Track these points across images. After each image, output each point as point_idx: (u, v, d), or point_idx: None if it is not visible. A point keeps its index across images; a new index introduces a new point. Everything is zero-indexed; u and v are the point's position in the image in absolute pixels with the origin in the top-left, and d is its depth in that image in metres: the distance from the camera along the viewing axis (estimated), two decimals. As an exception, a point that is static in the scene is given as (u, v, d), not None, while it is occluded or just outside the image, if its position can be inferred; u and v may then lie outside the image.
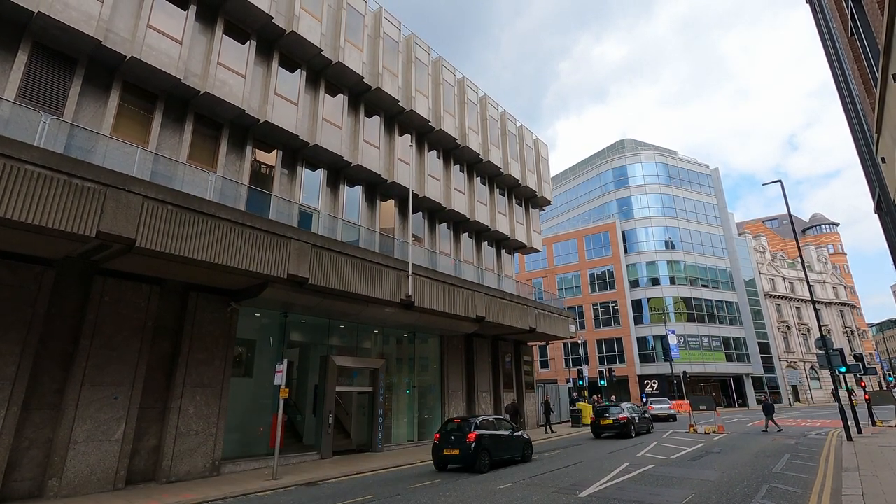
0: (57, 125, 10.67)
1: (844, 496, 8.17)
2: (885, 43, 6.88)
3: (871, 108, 10.41)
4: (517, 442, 13.99)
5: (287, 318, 15.47)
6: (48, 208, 8.55)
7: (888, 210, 12.81)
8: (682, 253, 50.00)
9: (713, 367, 47.05)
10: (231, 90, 14.17)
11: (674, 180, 53.36)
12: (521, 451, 14.04)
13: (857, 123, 14.49)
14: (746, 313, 51.68)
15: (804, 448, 15.44)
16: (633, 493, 9.13)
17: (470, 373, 22.25)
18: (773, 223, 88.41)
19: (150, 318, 11.66)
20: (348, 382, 17.13)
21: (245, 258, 11.36)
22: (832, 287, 65.69)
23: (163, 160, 12.59)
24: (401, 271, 15.80)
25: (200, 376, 12.33)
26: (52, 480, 9.70)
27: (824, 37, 15.92)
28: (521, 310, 22.04)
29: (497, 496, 9.25)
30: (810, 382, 56.02)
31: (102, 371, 10.68)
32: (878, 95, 8.64)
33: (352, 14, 18.49)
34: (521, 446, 14.06)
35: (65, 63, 11.66)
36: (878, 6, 7.33)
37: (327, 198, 17.51)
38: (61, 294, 10.65)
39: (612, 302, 49.27)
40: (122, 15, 12.32)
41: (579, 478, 10.88)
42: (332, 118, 17.46)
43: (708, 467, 11.92)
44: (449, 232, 23.35)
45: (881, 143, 10.25)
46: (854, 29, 10.03)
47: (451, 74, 23.69)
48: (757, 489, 9.27)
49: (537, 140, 30.34)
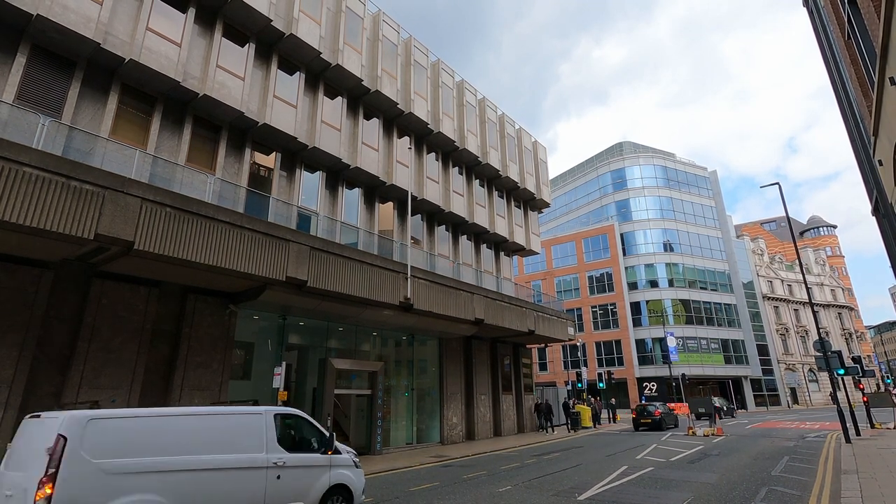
0: (55, 127, 10.67)
1: (843, 498, 8.17)
2: (881, 46, 6.91)
3: (869, 111, 10.46)
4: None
5: (285, 320, 15.45)
6: (46, 211, 8.54)
7: (885, 212, 12.86)
8: (681, 255, 50.08)
9: (712, 369, 47.07)
10: (230, 92, 14.17)
11: (672, 183, 53.48)
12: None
13: (855, 126, 14.55)
14: (745, 316, 51.74)
15: (803, 450, 15.43)
16: (633, 496, 9.11)
17: (469, 375, 22.22)
18: (772, 226, 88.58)
19: (148, 321, 11.63)
20: (347, 385, 17.10)
21: (243, 260, 11.35)
22: (830, 289, 65.83)
23: (161, 162, 12.59)
24: (399, 273, 15.80)
25: (199, 379, 12.29)
26: (49, 484, 9.65)
27: (821, 40, 15.99)
28: (519, 312, 22.03)
29: (496, 499, 9.23)
30: (809, 385, 56.08)
31: (100, 374, 10.65)
32: (874, 99, 8.68)
33: (351, 17, 18.53)
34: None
35: (63, 65, 11.66)
36: (874, 10, 7.37)
37: (326, 200, 17.51)
38: (59, 296, 10.62)
39: (611, 304, 49.30)
40: (121, 18, 12.33)
41: (578, 480, 10.86)
42: (331, 120, 17.48)
43: (707, 470, 11.91)
44: (448, 234, 23.36)
45: (878, 145, 10.29)
46: (851, 32, 10.08)
47: (449, 77, 23.74)
48: (756, 491, 9.26)
49: (536, 142, 30.39)
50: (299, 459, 7.04)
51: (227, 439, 6.46)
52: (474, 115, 24.96)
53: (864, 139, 13.37)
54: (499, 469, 13.01)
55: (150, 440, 5.82)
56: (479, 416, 22.01)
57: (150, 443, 5.80)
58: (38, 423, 5.62)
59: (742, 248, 57.52)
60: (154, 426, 6.00)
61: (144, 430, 5.88)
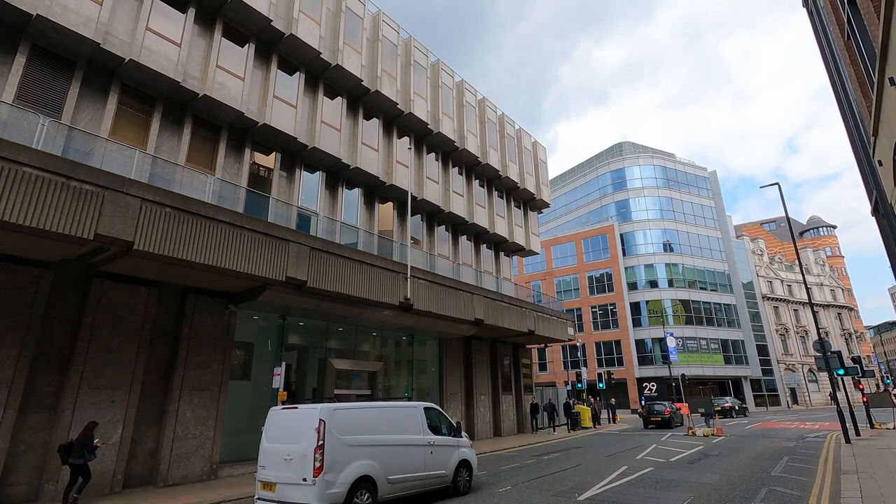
0: (55, 127, 10.66)
1: (843, 499, 8.17)
2: (881, 47, 6.92)
3: (868, 111, 10.46)
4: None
5: (285, 320, 15.44)
6: (46, 211, 8.53)
7: (885, 212, 12.86)
8: (681, 256, 50.09)
9: (711, 369, 47.07)
10: (230, 93, 14.17)
11: (672, 183, 53.49)
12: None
13: (855, 126, 14.55)
14: (744, 316, 51.75)
15: (803, 451, 15.43)
16: (633, 497, 9.11)
17: (468, 375, 22.22)
18: (771, 226, 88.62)
19: (147, 321, 11.62)
20: (347, 385, 17.10)
21: (243, 261, 11.35)
22: (830, 290, 65.85)
23: (161, 162, 12.59)
24: (399, 274, 15.79)
25: (198, 379, 12.28)
26: (49, 485, 9.65)
27: (821, 40, 15.99)
28: (519, 312, 22.03)
29: (496, 499, 9.23)
30: (808, 385, 56.08)
31: (100, 374, 10.64)
32: (874, 99, 8.68)
33: (350, 17, 18.54)
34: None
35: (63, 65, 11.66)
36: (874, 10, 7.37)
37: (326, 200, 17.51)
38: (59, 297, 10.61)
39: (611, 304, 49.29)
40: (121, 18, 12.32)
41: (578, 481, 10.86)
42: (331, 121, 17.48)
43: (707, 470, 11.91)
44: (447, 234, 23.36)
45: (878, 146, 10.30)
46: (850, 33, 10.09)
47: (449, 77, 23.74)
48: (756, 492, 9.26)
49: (536, 143, 30.40)
50: (441, 440, 9.77)
51: (402, 425, 9.23)
52: (474, 115, 24.97)
53: (863, 139, 13.38)
54: (499, 469, 13.01)
55: (363, 424, 8.48)
56: (479, 417, 22.00)
57: (363, 426, 8.45)
58: (297, 412, 8.28)
59: (742, 248, 57.53)
60: (364, 415, 8.73)
61: (360, 417, 8.55)
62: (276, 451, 8.03)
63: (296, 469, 7.61)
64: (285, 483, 7.69)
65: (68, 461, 9.02)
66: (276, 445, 8.09)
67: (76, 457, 9.01)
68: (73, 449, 9.03)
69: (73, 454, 9.01)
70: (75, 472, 9.10)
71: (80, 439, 9.11)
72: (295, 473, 7.60)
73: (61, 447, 9.10)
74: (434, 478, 9.35)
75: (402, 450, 8.88)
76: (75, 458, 9.00)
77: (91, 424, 9.34)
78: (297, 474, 7.55)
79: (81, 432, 9.25)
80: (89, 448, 9.08)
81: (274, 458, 7.98)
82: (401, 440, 8.93)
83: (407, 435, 9.12)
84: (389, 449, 8.65)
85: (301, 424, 7.92)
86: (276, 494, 7.75)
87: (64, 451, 9.04)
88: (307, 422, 7.83)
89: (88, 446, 9.09)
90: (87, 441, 9.10)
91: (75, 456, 9.01)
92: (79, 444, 9.06)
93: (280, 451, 7.96)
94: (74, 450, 9.02)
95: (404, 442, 8.98)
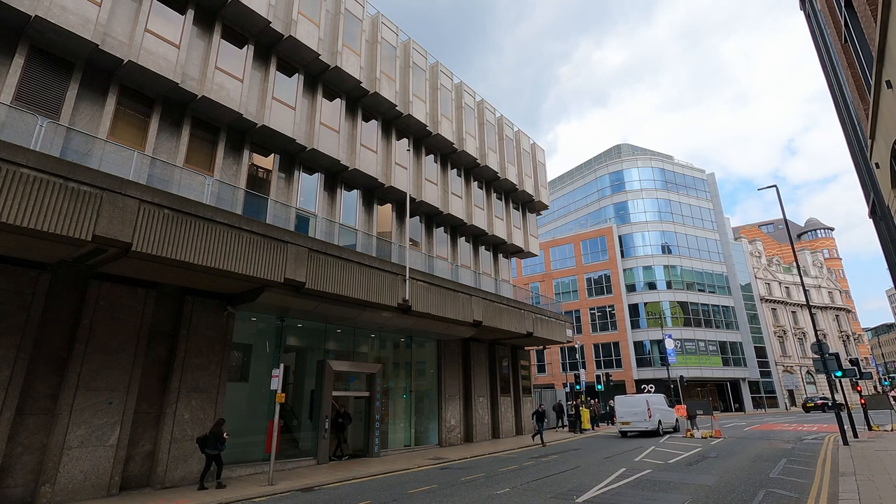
0: (53, 129, 10.65)
1: (841, 500, 8.18)
2: (878, 50, 6.95)
3: (865, 114, 10.50)
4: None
5: (283, 322, 15.41)
6: (44, 212, 8.51)
7: (882, 215, 12.91)
8: (679, 257, 50.16)
9: (710, 371, 47.12)
10: (228, 94, 14.17)
11: (670, 185, 53.60)
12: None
13: (852, 129, 14.61)
14: (743, 318, 51.83)
15: (801, 453, 15.45)
16: (631, 499, 9.10)
17: (467, 377, 22.20)
18: (769, 228, 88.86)
19: (145, 323, 11.59)
20: (345, 387, 17.07)
21: (241, 262, 11.33)
22: (828, 292, 65.99)
23: (159, 164, 12.57)
24: (398, 275, 15.79)
25: (196, 381, 12.25)
26: (46, 486, 9.61)
27: (819, 44, 16.06)
28: (518, 314, 22.03)
29: (494, 501, 9.22)
30: (806, 387, 56.14)
31: (97, 376, 10.61)
32: (871, 102, 8.72)
33: (350, 19, 18.56)
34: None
35: (62, 67, 11.65)
36: (871, 13, 7.41)
37: (324, 202, 17.50)
38: (56, 298, 10.58)
39: (609, 306, 49.33)
40: (120, 19, 12.32)
41: (576, 483, 10.85)
42: (330, 122, 17.49)
43: (705, 472, 11.91)
44: (446, 236, 23.36)
45: (875, 148, 10.34)
46: (848, 36, 10.13)
47: (448, 79, 23.77)
48: (754, 494, 9.26)
49: (534, 145, 30.44)
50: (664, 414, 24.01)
51: (640, 408, 22.69)
52: (473, 117, 25.00)
53: (861, 142, 13.43)
54: (497, 471, 12.99)
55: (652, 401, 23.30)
56: (478, 419, 21.98)
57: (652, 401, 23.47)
58: (633, 396, 23.67)
59: (740, 250, 57.62)
60: (651, 399, 23.35)
61: (650, 400, 23.12)
62: (626, 411, 22.48)
63: (640, 416, 22.08)
64: (636, 421, 22.07)
65: (204, 451, 10.88)
66: (625, 409, 22.67)
67: (212, 448, 10.84)
68: (207, 441, 10.85)
69: (208, 446, 10.84)
70: (210, 460, 10.94)
71: (212, 433, 10.94)
72: (640, 418, 22.01)
73: (198, 440, 10.97)
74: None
75: (661, 412, 22.97)
76: (211, 448, 10.83)
77: (220, 421, 11.21)
78: (641, 418, 21.97)
79: (212, 427, 11.08)
80: (221, 440, 10.94)
81: (627, 413, 22.37)
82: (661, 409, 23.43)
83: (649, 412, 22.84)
84: (664, 411, 23.21)
85: (638, 404, 22.48)
86: (631, 427, 22.07)
87: (201, 442, 10.90)
88: (640, 402, 22.51)
89: (220, 439, 10.94)
90: (218, 435, 10.96)
91: (210, 447, 10.83)
92: (212, 437, 10.89)
93: (629, 410, 22.44)
94: (209, 442, 10.84)
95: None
